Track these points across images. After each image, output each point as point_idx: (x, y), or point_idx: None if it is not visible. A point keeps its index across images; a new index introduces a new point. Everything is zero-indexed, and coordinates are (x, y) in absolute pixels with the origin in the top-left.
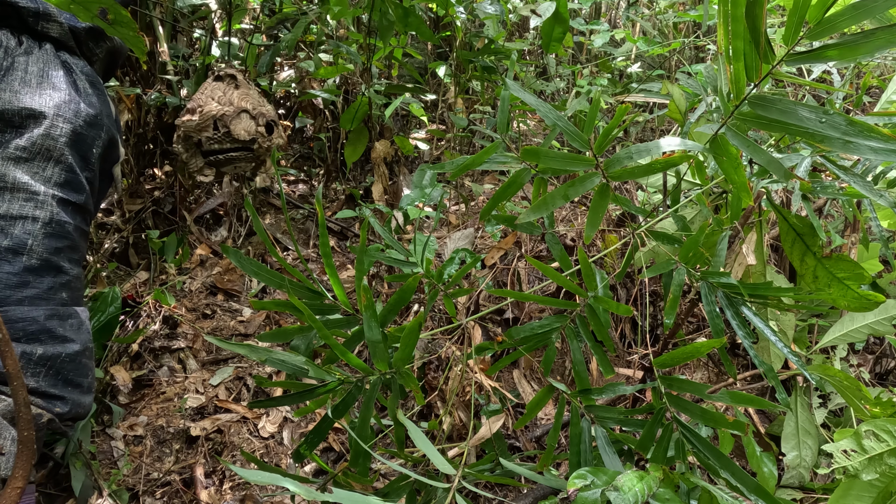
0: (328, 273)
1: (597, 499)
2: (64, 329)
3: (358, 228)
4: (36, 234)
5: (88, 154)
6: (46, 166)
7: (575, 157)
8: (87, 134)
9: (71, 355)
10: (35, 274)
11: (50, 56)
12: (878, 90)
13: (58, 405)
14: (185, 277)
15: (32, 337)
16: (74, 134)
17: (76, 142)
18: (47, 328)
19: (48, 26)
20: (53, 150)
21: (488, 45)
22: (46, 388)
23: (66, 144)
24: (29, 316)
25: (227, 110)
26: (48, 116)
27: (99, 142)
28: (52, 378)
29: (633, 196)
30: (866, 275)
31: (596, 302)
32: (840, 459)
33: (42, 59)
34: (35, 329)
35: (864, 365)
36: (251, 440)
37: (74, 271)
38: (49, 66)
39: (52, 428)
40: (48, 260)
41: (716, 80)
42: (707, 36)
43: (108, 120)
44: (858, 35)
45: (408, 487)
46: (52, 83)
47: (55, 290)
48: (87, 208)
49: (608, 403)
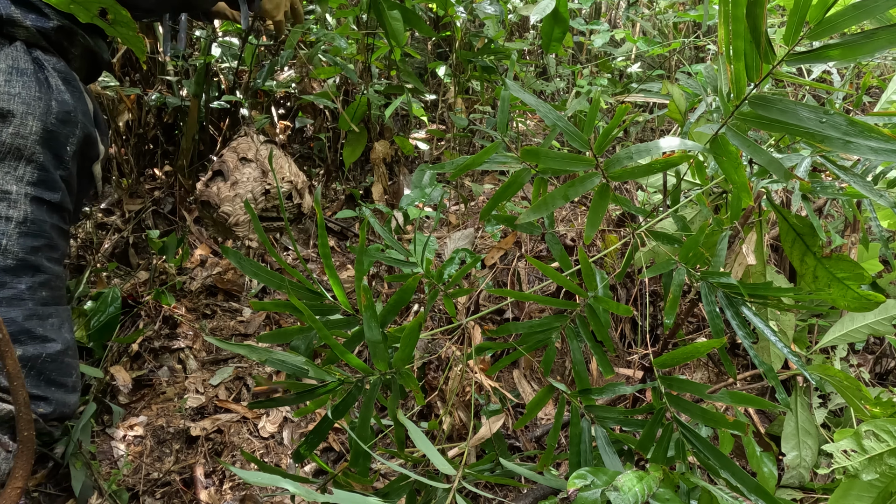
0: (328, 273)
1: (597, 499)
2: (44, 329)
3: (358, 228)
4: (10, 234)
5: (62, 152)
6: (18, 165)
7: (575, 157)
8: (60, 131)
9: (52, 355)
10: (12, 274)
11: (20, 53)
12: (878, 90)
13: (41, 406)
14: (185, 277)
15: (12, 338)
16: (45, 132)
17: (48, 139)
18: (26, 329)
19: (14, 31)
20: (24, 149)
21: (488, 45)
22: (29, 390)
23: (36, 142)
24: (7, 317)
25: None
26: (17, 115)
27: (73, 139)
28: (34, 379)
29: (633, 196)
30: (866, 275)
31: (596, 302)
32: (840, 459)
33: (11, 57)
34: (14, 330)
35: (864, 365)
36: (251, 440)
37: (54, 270)
38: (19, 63)
39: (37, 429)
40: (25, 259)
41: (716, 80)
42: (707, 36)
43: (83, 117)
44: (859, 35)
45: (408, 487)
46: (22, 80)
47: (34, 289)
48: (63, 206)
49: (608, 403)
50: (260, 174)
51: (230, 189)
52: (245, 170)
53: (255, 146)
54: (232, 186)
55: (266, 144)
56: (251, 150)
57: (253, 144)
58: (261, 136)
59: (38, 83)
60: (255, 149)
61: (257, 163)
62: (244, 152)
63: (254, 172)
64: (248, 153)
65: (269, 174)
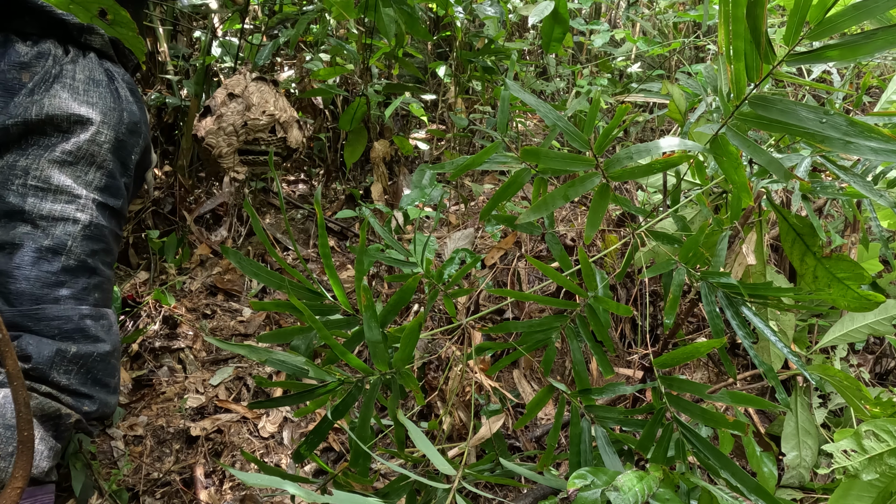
0: (328, 273)
1: (597, 499)
2: (96, 329)
3: (358, 228)
4: (75, 236)
5: (128, 160)
6: (89, 171)
7: (575, 157)
8: (128, 141)
9: (102, 355)
10: (71, 274)
11: (94, 65)
12: (878, 90)
13: (86, 404)
14: (185, 277)
15: (67, 335)
16: (117, 141)
17: (118, 148)
18: (81, 327)
19: (91, 38)
20: (97, 156)
21: (488, 45)
22: (77, 387)
23: (109, 150)
24: (64, 314)
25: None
26: (94, 123)
27: (137, 148)
28: (82, 377)
29: (633, 196)
30: (866, 275)
31: (596, 302)
32: (840, 459)
33: (88, 68)
34: (70, 328)
35: (864, 365)
36: (251, 440)
37: (107, 273)
38: (94, 75)
39: (80, 427)
40: (84, 261)
41: (716, 80)
42: (707, 36)
43: (145, 127)
44: (859, 35)
45: (408, 488)
46: (98, 91)
47: (89, 290)
48: (122, 213)
49: (608, 403)
50: (243, 108)
51: (214, 122)
52: (231, 104)
53: (245, 82)
54: (216, 120)
55: (257, 81)
56: (240, 86)
57: (243, 81)
58: (253, 74)
59: (112, 94)
60: (244, 85)
61: (243, 98)
62: (232, 88)
63: (238, 107)
64: (235, 89)
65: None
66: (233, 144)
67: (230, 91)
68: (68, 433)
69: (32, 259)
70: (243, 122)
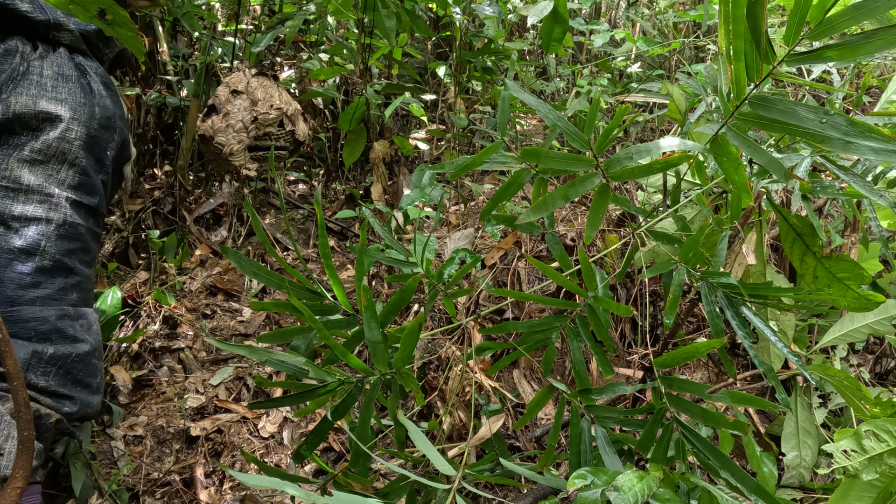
0: (328, 273)
1: (597, 499)
2: (74, 329)
3: (358, 228)
4: (49, 236)
5: (103, 156)
6: (61, 169)
7: (575, 157)
8: (102, 136)
9: (81, 355)
10: (47, 275)
11: (64, 59)
12: (878, 90)
13: (67, 405)
14: (185, 277)
15: (44, 336)
16: (89, 137)
17: (91, 145)
18: (58, 328)
19: (59, 35)
20: (68, 153)
21: (488, 45)
22: (56, 388)
23: (80, 147)
24: (40, 316)
25: (292, 109)
26: (64, 119)
27: (112, 144)
28: (61, 378)
29: (633, 196)
30: (866, 275)
31: (596, 302)
32: (840, 459)
33: (56, 63)
34: (46, 329)
35: (864, 365)
36: (251, 440)
37: (85, 273)
38: (64, 70)
39: (60, 428)
40: (60, 261)
41: (716, 80)
42: (707, 36)
43: (120, 121)
44: (859, 35)
45: (408, 488)
46: (68, 86)
47: (66, 290)
48: (99, 210)
49: (608, 403)
50: (250, 104)
51: (222, 120)
52: (236, 101)
53: (247, 78)
54: (224, 118)
55: (258, 77)
56: (241, 83)
57: (244, 77)
58: (252, 70)
59: (83, 89)
60: (245, 81)
61: (247, 94)
62: (235, 85)
63: (244, 103)
64: (238, 85)
65: (259, 103)
66: (243, 141)
67: (233, 88)
68: (49, 433)
69: (5, 261)
70: (253, 118)
